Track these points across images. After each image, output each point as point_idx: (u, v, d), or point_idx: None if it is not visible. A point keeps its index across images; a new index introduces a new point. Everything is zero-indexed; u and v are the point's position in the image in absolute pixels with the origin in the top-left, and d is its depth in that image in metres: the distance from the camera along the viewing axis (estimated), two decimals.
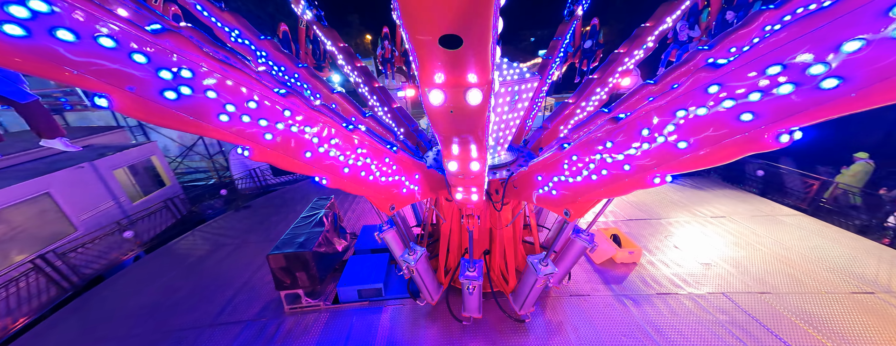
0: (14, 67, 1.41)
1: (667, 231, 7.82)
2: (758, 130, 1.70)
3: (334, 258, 6.44)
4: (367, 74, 5.93)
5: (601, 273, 6.33)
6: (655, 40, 5.00)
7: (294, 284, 5.54)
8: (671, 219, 8.43)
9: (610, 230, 7.16)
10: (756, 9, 3.43)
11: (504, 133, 4.50)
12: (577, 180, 3.08)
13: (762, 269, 6.25)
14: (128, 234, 8.39)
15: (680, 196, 9.87)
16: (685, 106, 1.98)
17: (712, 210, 8.84)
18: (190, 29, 3.37)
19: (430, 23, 1.28)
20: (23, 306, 6.19)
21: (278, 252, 5.40)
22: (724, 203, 9.25)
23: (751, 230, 7.63)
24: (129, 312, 6.13)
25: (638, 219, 8.54)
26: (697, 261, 6.55)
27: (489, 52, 1.47)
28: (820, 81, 1.42)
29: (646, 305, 5.47)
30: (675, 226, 8.08)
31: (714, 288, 5.77)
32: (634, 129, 2.34)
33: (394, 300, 5.74)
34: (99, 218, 9.14)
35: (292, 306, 5.69)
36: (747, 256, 6.67)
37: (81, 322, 5.97)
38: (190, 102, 1.90)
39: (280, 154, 2.49)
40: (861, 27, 1.26)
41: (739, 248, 6.95)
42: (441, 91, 1.73)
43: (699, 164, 2.07)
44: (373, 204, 3.73)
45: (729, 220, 8.23)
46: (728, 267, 6.33)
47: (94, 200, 9.18)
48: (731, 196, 9.81)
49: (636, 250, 6.48)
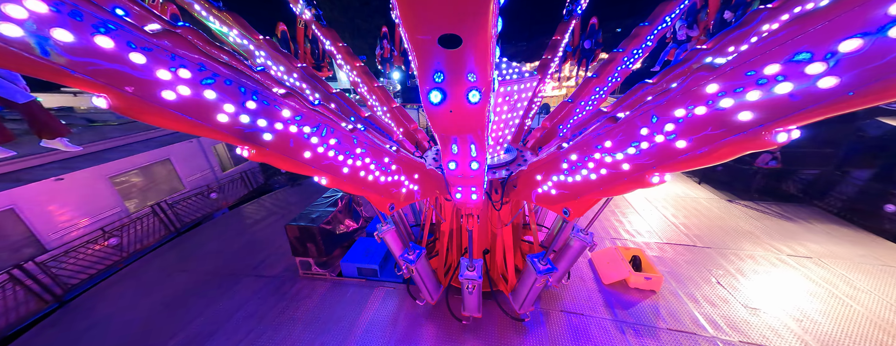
0: (11, 68, 1.40)
1: (716, 263, 6.50)
2: (756, 129, 1.71)
3: (342, 237, 7.05)
4: (367, 74, 5.93)
5: (607, 294, 5.69)
6: (654, 40, 5.00)
7: (305, 253, 6.50)
8: (731, 250, 6.94)
9: (632, 251, 6.35)
10: (754, 8, 3.44)
11: (503, 133, 4.50)
12: (576, 180, 3.08)
13: (842, 330, 4.69)
14: (213, 195, 11.45)
15: (757, 226, 8.08)
16: (684, 105, 1.98)
17: (796, 248, 7.00)
18: (188, 29, 3.36)
19: (430, 23, 1.28)
20: (143, 239, 9.12)
21: (294, 224, 6.37)
22: (817, 241, 7.30)
23: (845, 279, 5.85)
24: (204, 253, 8.20)
25: (683, 244, 7.29)
26: (743, 303, 5.35)
27: (488, 51, 1.47)
28: (818, 80, 1.43)
29: (649, 338, 4.73)
30: (732, 259, 6.61)
31: (753, 339, 4.60)
32: (633, 128, 2.34)
33: (387, 282, 6.31)
34: (198, 181, 11.91)
35: (305, 271, 6.72)
36: (825, 310, 5.11)
37: (177, 256, 8.22)
38: (188, 102, 1.90)
39: (279, 154, 2.48)
40: (859, 26, 1.26)
41: (816, 298, 5.39)
42: (440, 91, 1.73)
43: (698, 163, 2.08)
44: (372, 204, 3.73)
45: (816, 262, 6.44)
46: (787, 319, 4.96)
47: (197, 167, 11.94)
48: (834, 234, 7.60)
49: (656, 276, 5.59)
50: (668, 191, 10.51)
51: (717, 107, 1.82)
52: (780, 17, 3.23)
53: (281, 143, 2.43)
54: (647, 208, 9.39)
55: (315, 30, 6.03)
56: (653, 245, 7.32)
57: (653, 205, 9.57)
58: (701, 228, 8.07)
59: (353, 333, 5.14)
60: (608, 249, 6.51)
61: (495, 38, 1.49)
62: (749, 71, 1.64)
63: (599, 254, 6.55)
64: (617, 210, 9.25)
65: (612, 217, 8.80)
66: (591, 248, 4.06)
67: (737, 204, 9.61)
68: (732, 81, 1.72)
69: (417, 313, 5.50)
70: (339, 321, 5.40)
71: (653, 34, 4.92)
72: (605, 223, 8.50)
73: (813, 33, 1.39)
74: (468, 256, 4.36)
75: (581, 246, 4.08)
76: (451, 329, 5.13)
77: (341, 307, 5.71)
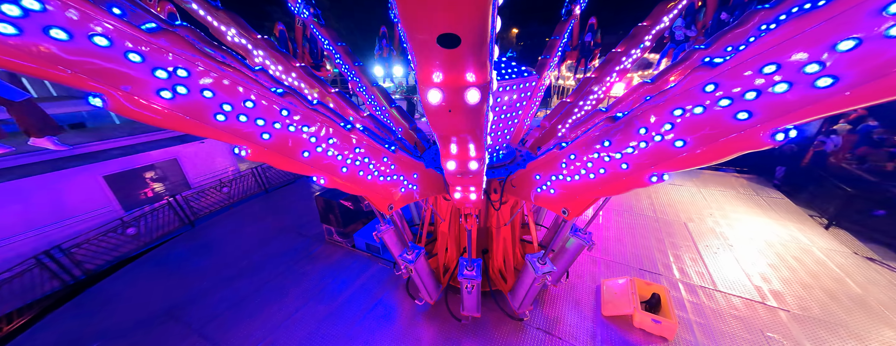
0: (7, 67, 1.39)
1: (804, 335, 4.82)
2: (754, 129, 1.72)
3: (359, 214, 7.76)
4: (366, 74, 5.92)
5: (601, 326, 5.05)
6: (652, 40, 5.02)
7: (329, 222, 7.64)
8: (849, 329, 4.93)
9: (654, 288, 5.41)
10: (752, 8, 3.45)
11: (502, 132, 4.51)
12: (575, 179, 3.09)
13: None
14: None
15: None
16: (682, 105, 1.99)
17: None
18: (185, 28, 3.34)
19: (429, 22, 1.28)
20: (245, 192, 11.63)
21: (321, 196, 7.40)
22: None
23: None
24: (283, 206, 10.34)
25: (754, 300, 5.59)
26: None
27: (487, 51, 1.47)
28: (815, 80, 1.43)
29: None
30: (845, 340, 4.73)
31: None
32: (632, 128, 2.35)
33: (386, 261, 7.05)
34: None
35: (329, 237, 7.91)
36: None
37: (263, 207, 10.44)
38: (186, 101, 1.89)
39: (277, 154, 2.47)
40: (855, 26, 1.27)
41: None
42: (439, 90, 1.73)
43: (696, 162, 2.09)
44: (371, 204, 3.72)
45: None
46: None
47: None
48: None
49: (669, 323, 4.69)
50: (778, 234, 7.66)
51: (714, 106, 1.83)
52: (777, 17, 3.24)
53: (279, 142, 2.43)
54: (733, 249, 7.09)
55: (313, 29, 6.01)
56: (716, 295, 5.72)
57: (739, 247, 7.15)
58: (803, 287, 5.86)
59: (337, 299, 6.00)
60: (627, 280, 5.54)
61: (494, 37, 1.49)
62: (746, 71, 1.65)
63: (613, 284, 5.67)
64: (688, 245, 7.27)
65: (684, 254, 6.94)
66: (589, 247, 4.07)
67: (881, 266, 6.46)
68: (730, 81, 1.73)
69: (416, 312, 5.50)
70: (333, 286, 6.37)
71: (651, 34, 4.94)
72: (659, 255, 6.88)
73: (810, 33, 1.40)
74: (467, 255, 4.36)
75: (580, 246, 4.09)
76: (450, 329, 5.13)
77: (345, 274, 6.71)
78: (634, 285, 5.38)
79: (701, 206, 9.19)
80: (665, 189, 10.30)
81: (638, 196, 9.85)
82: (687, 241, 7.49)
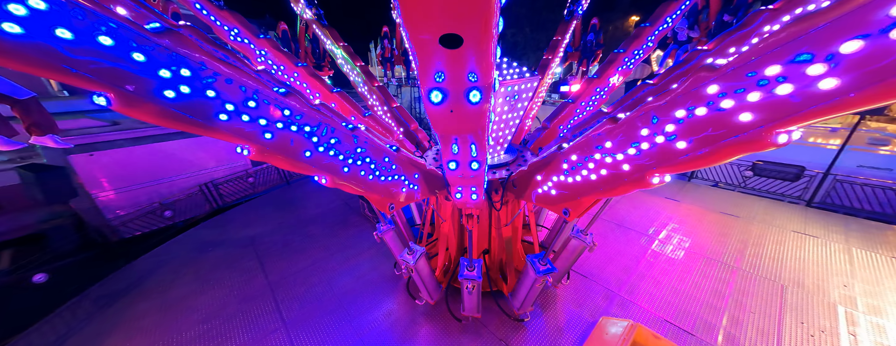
0: (13, 67, 1.40)
1: None
2: (757, 131, 1.71)
3: None
4: (368, 74, 5.93)
5: None
6: (655, 40, 5.00)
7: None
8: None
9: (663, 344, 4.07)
10: (755, 9, 3.44)
11: (504, 133, 4.50)
12: (576, 180, 3.08)
13: None
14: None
15: None
16: (684, 106, 1.98)
17: None
18: (189, 28, 3.36)
19: (431, 22, 1.28)
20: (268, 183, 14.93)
21: None
22: None
23: None
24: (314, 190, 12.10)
25: None
26: None
27: (490, 51, 1.47)
28: (819, 82, 1.42)
29: None
30: None
31: None
32: (634, 129, 2.34)
33: None
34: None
35: (367, 211, 9.12)
36: None
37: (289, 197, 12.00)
38: (189, 101, 1.90)
39: (279, 153, 2.48)
40: (860, 27, 1.26)
41: None
42: (441, 90, 1.73)
43: (698, 164, 2.08)
44: (372, 204, 3.73)
45: None
46: None
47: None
48: None
49: None
50: None
51: (717, 108, 1.82)
52: (781, 19, 3.23)
53: (281, 142, 2.43)
54: None
55: (316, 29, 6.03)
56: None
57: None
58: None
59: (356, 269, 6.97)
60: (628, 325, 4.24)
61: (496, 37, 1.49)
62: (750, 72, 1.64)
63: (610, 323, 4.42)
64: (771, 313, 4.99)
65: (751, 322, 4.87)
66: (590, 248, 4.06)
67: None
68: (733, 82, 1.72)
69: (416, 313, 5.50)
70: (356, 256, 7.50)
71: (653, 35, 4.92)
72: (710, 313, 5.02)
73: (814, 35, 1.39)
74: (468, 256, 4.36)
75: (580, 246, 4.08)
76: (451, 329, 5.13)
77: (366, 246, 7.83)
78: (633, 332, 4.04)
79: (831, 270, 5.84)
80: (787, 238, 6.87)
81: (730, 238, 6.93)
82: (771, 308, 5.04)
